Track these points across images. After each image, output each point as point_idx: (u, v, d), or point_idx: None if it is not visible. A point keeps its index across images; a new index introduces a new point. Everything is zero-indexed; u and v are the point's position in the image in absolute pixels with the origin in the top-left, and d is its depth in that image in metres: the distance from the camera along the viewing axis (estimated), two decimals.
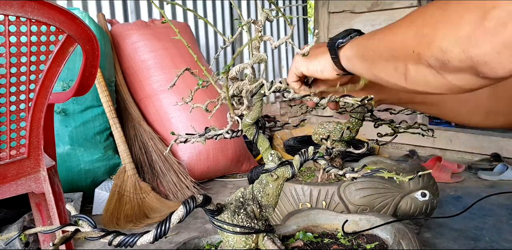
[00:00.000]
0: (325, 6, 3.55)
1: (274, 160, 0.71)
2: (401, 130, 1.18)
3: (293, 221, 0.90)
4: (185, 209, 0.54)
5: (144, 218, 1.81)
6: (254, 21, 0.67)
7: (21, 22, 0.88)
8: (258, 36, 0.67)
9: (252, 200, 0.70)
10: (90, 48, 1.03)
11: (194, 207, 0.55)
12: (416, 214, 1.20)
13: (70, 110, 1.89)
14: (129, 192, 1.89)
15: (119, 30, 2.36)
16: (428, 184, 1.22)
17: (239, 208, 0.67)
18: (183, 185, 2.05)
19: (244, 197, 0.71)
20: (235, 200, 0.69)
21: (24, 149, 0.99)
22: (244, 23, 0.67)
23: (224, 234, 0.66)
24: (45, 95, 0.98)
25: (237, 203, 0.68)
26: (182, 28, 2.56)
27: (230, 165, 2.34)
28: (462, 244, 1.48)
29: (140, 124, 2.19)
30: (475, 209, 1.72)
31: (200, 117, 2.22)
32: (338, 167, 0.70)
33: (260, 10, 0.67)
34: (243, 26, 0.67)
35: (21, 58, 0.90)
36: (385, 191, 1.18)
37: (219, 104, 0.73)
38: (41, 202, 1.08)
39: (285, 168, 0.70)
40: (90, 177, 1.96)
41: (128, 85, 2.34)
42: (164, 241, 1.59)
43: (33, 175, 1.01)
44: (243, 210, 0.67)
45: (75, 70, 1.86)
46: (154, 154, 2.11)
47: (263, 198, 0.71)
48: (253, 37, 0.68)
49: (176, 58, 2.34)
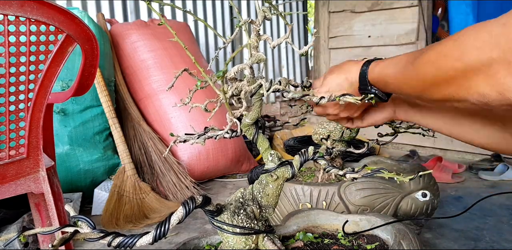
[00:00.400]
0: (325, 5, 3.55)
1: (274, 160, 0.71)
2: (401, 130, 1.17)
3: (293, 221, 0.89)
4: (185, 210, 0.54)
5: (144, 218, 1.81)
6: (252, 21, 0.67)
7: (20, 21, 0.87)
8: (256, 36, 0.67)
9: (252, 201, 0.70)
10: (89, 48, 1.03)
11: (193, 208, 0.55)
12: (417, 214, 1.19)
13: (69, 110, 1.89)
14: (128, 192, 1.88)
15: (118, 30, 2.35)
16: (429, 184, 1.22)
17: (239, 209, 0.67)
18: (183, 185, 2.05)
19: (244, 197, 0.70)
20: (234, 200, 0.69)
21: (23, 149, 0.99)
22: (241, 23, 0.67)
23: (224, 234, 0.66)
24: (44, 95, 0.98)
25: (236, 203, 0.68)
26: (181, 28, 2.56)
27: (230, 165, 2.33)
28: (463, 244, 1.47)
29: (140, 124, 2.19)
30: (475, 209, 1.71)
31: (199, 117, 2.22)
32: (338, 167, 0.69)
33: (258, 9, 0.67)
34: (240, 26, 0.67)
35: (20, 58, 0.90)
36: (385, 191, 1.18)
37: (218, 106, 0.73)
38: (40, 202, 1.08)
39: (285, 168, 0.70)
40: (89, 177, 1.95)
41: (128, 85, 2.34)
42: (163, 241, 1.58)
43: (32, 175, 1.01)
44: (243, 211, 0.67)
45: (74, 70, 1.86)
46: (154, 154, 2.10)
47: (263, 199, 0.71)
48: (252, 37, 0.68)
49: (176, 58, 2.34)
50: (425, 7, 3.14)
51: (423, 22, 3.14)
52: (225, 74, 0.67)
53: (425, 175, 1.23)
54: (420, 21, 3.15)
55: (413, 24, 3.17)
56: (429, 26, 3.22)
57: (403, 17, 3.20)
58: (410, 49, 3.18)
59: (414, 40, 3.18)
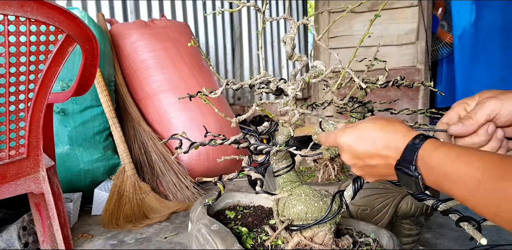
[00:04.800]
0: (325, 6, 3.55)
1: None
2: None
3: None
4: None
5: (144, 218, 1.81)
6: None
7: (20, 21, 0.87)
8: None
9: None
10: (89, 48, 1.03)
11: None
12: (417, 214, 1.19)
13: (69, 110, 1.89)
14: (128, 192, 1.88)
15: (118, 30, 2.35)
16: None
17: None
18: (183, 185, 2.05)
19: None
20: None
21: (24, 149, 0.99)
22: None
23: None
24: (45, 95, 0.98)
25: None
26: (181, 27, 2.56)
27: (230, 165, 2.33)
28: (463, 244, 1.47)
29: (140, 124, 2.18)
30: None
31: (199, 117, 2.22)
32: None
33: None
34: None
35: (21, 58, 0.90)
36: (385, 191, 1.18)
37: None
38: (40, 202, 1.08)
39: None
40: (89, 177, 1.95)
41: (128, 85, 2.34)
42: (164, 241, 1.58)
43: (32, 175, 1.01)
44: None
45: (74, 70, 1.86)
46: (154, 154, 2.10)
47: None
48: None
49: (176, 58, 2.34)
50: (425, 7, 3.14)
51: (423, 22, 3.14)
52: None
53: None
54: (420, 21, 3.15)
55: (413, 24, 3.18)
56: (429, 26, 3.23)
57: (403, 17, 3.21)
58: (410, 49, 3.18)
59: (414, 40, 3.18)
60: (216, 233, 0.75)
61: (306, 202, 0.74)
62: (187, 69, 2.33)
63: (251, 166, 0.74)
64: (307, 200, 0.74)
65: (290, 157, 0.79)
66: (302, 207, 0.73)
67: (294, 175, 0.79)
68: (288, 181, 0.78)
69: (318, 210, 0.73)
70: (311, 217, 0.73)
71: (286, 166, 0.77)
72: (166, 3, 3.07)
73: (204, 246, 0.75)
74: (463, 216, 0.60)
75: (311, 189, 0.77)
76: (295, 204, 0.74)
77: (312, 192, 0.76)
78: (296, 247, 0.75)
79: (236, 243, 0.72)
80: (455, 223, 0.60)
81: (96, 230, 1.71)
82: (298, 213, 0.73)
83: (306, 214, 0.73)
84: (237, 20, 3.64)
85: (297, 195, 0.75)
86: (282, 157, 0.77)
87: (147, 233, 1.67)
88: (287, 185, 0.77)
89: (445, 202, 0.63)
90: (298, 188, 0.77)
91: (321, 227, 0.75)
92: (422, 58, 3.19)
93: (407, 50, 3.21)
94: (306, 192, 0.75)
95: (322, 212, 0.73)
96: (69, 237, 1.15)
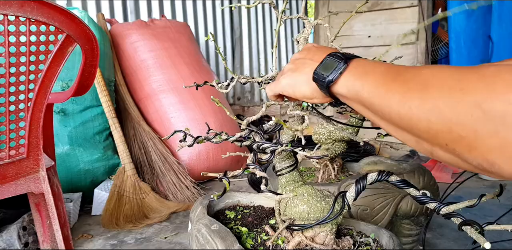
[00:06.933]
0: (325, 6, 3.55)
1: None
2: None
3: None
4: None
5: (144, 218, 1.81)
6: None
7: (20, 21, 0.87)
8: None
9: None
10: (89, 47, 1.03)
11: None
12: (417, 214, 1.19)
13: (69, 110, 1.89)
14: (128, 192, 1.88)
15: (118, 29, 2.35)
16: (429, 184, 1.22)
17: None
18: (183, 185, 2.05)
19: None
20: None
21: (23, 149, 0.99)
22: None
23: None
24: (45, 95, 0.97)
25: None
26: (181, 27, 2.56)
27: (230, 165, 2.33)
28: (463, 244, 1.47)
29: (140, 124, 2.18)
30: (475, 209, 1.71)
31: (199, 116, 2.22)
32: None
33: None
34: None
35: (20, 58, 0.90)
36: (385, 191, 1.18)
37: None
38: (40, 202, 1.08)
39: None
40: (89, 177, 1.95)
41: (128, 85, 2.34)
42: (164, 241, 1.58)
43: (32, 175, 1.01)
44: None
45: (74, 70, 1.86)
46: (154, 154, 2.10)
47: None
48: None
49: (176, 58, 2.34)
50: (425, 7, 3.14)
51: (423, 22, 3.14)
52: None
53: (425, 174, 1.23)
54: (420, 21, 3.15)
55: (413, 24, 3.18)
56: (429, 26, 3.23)
57: (403, 17, 3.21)
58: (410, 49, 3.18)
59: (414, 40, 3.18)
60: (216, 233, 0.75)
61: (309, 202, 0.74)
62: (187, 69, 2.33)
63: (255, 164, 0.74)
64: (309, 200, 0.74)
65: (293, 157, 0.79)
66: (305, 206, 0.73)
67: (297, 175, 0.78)
68: (290, 180, 0.78)
69: (320, 210, 0.73)
70: (313, 217, 0.73)
71: (289, 165, 0.77)
72: (166, 3, 3.07)
73: (204, 246, 0.75)
74: (466, 220, 0.60)
75: (314, 189, 0.77)
76: (298, 204, 0.74)
77: (314, 192, 0.76)
78: (296, 247, 0.75)
79: (236, 243, 0.72)
80: (458, 227, 0.60)
81: (96, 230, 1.71)
82: (300, 212, 0.73)
83: (308, 214, 0.73)
84: (237, 20, 3.64)
85: (300, 194, 0.75)
86: (285, 156, 0.77)
87: (147, 233, 1.67)
88: (290, 184, 0.77)
89: (448, 206, 0.63)
90: (300, 187, 0.77)
91: (322, 227, 0.75)
92: (422, 58, 3.19)
93: (407, 50, 3.22)
94: (308, 192, 0.75)
95: (324, 212, 0.73)
96: (69, 237, 1.15)
